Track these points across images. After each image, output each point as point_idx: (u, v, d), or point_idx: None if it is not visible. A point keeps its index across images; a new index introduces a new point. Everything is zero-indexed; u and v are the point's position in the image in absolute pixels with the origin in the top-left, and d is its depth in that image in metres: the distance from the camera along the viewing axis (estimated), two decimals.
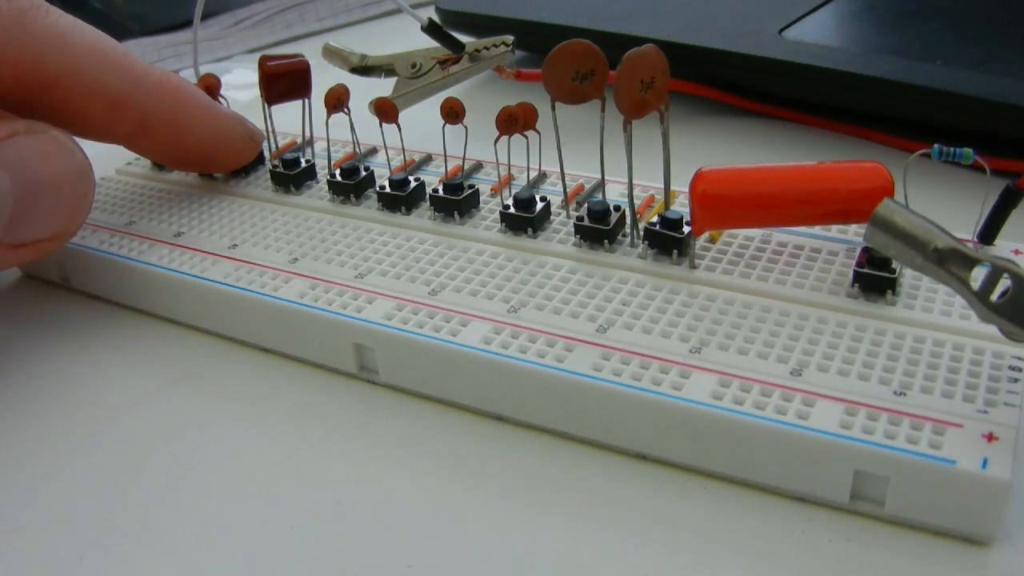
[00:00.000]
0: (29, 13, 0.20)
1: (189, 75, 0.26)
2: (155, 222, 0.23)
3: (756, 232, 0.20)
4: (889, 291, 0.18)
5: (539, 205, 0.21)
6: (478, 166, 0.24)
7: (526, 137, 0.21)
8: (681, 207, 0.20)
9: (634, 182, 0.20)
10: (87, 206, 0.21)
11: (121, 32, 0.44)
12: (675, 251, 0.19)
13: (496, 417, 0.18)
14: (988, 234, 0.19)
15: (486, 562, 0.15)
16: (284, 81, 0.24)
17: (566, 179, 0.22)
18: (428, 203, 0.22)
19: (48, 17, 0.20)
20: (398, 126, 0.23)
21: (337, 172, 0.23)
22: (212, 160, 0.24)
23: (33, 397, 0.20)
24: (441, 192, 0.22)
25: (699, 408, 0.16)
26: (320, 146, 0.26)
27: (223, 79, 0.25)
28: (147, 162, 0.26)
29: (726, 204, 0.18)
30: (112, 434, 0.18)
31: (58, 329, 0.22)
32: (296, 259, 0.21)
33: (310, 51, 0.25)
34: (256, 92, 0.24)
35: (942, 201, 0.20)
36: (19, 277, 0.24)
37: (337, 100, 0.23)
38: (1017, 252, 0.19)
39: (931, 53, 0.26)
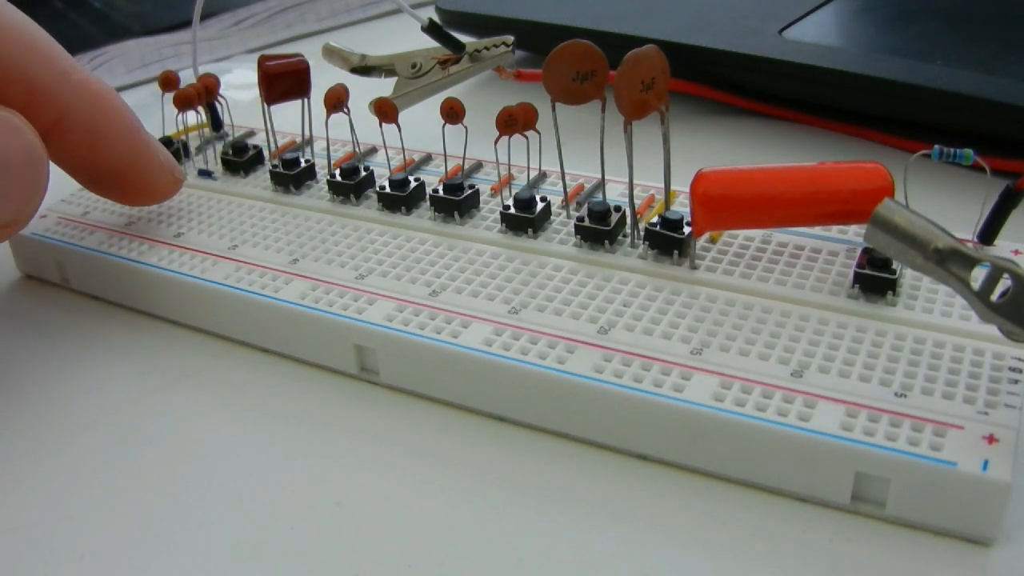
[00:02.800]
0: None
1: (188, 75, 0.26)
2: (155, 222, 0.23)
3: (756, 233, 0.20)
4: (890, 292, 0.18)
5: (539, 205, 0.21)
6: (478, 166, 0.24)
7: (526, 137, 0.21)
8: (681, 207, 0.20)
9: (634, 182, 0.20)
10: (41, 189, 0.19)
11: (121, 32, 0.44)
12: (676, 252, 0.19)
13: (497, 418, 0.18)
14: (988, 234, 0.19)
15: (486, 562, 0.15)
16: (284, 81, 0.24)
17: (566, 179, 0.22)
18: (428, 203, 0.22)
19: None
20: (398, 126, 0.23)
21: (337, 172, 0.23)
22: (128, 182, 0.22)
23: (33, 397, 0.20)
24: (441, 192, 0.22)
25: (700, 410, 0.16)
26: (320, 146, 0.26)
27: (223, 79, 0.25)
28: None
29: (727, 205, 0.18)
30: (112, 434, 0.18)
31: (58, 329, 0.22)
32: (296, 260, 0.21)
33: (310, 51, 0.25)
34: (256, 92, 0.24)
35: (942, 201, 0.20)
36: (19, 277, 0.24)
37: (337, 100, 0.23)
38: (1017, 252, 0.19)
39: (931, 53, 0.26)
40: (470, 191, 0.22)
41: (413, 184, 0.22)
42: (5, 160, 0.18)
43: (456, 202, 0.21)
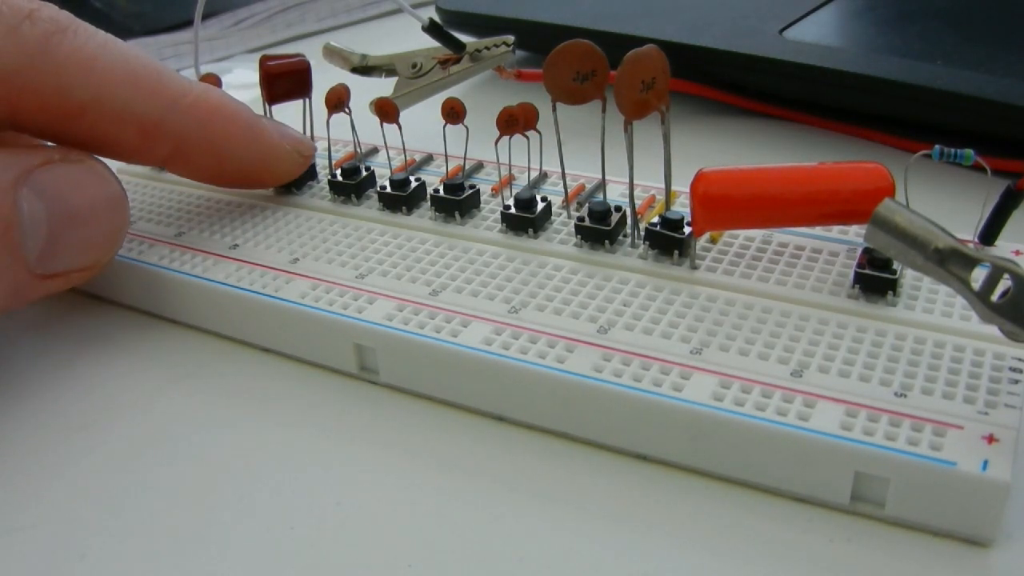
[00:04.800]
0: (54, 37, 0.18)
1: (189, 75, 0.26)
2: (156, 222, 0.23)
3: (757, 233, 0.20)
4: (890, 292, 0.18)
5: (540, 205, 0.21)
6: (479, 166, 0.24)
7: (527, 137, 0.21)
8: (682, 207, 0.20)
9: (635, 182, 0.20)
10: (121, 237, 0.21)
11: (122, 32, 0.44)
12: (676, 252, 0.19)
13: (497, 418, 0.18)
14: (989, 235, 0.19)
15: (486, 562, 0.15)
16: (285, 81, 0.24)
17: (567, 179, 0.22)
18: (429, 203, 0.22)
19: (75, 40, 0.19)
20: (399, 126, 0.23)
21: (338, 172, 0.23)
22: (257, 179, 0.23)
23: (33, 397, 0.20)
24: (442, 192, 0.22)
25: (700, 409, 0.16)
26: (321, 146, 0.26)
27: (224, 79, 0.25)
28: None
29: (727, 205, 0.18)
30: (112, 434, 0.18)
31: (58, 329, 0.22)
32: (297, 259, 0.21)
33: (311, 51, 0.25)
34: (257, 92, 0.24)
35: (943, 202, 0.20)
36: None
37: (338, 100, 0.23)
38: (1018, 253, 0.19)
39: (931, 53, 0.26)
40: (471, 191, 0.22)
41: (414, 184, 0.22)
42: (92, 209, 0.19)
43: (457, 202, 0.21)
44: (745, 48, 0.28)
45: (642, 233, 0.20)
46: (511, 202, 0.21)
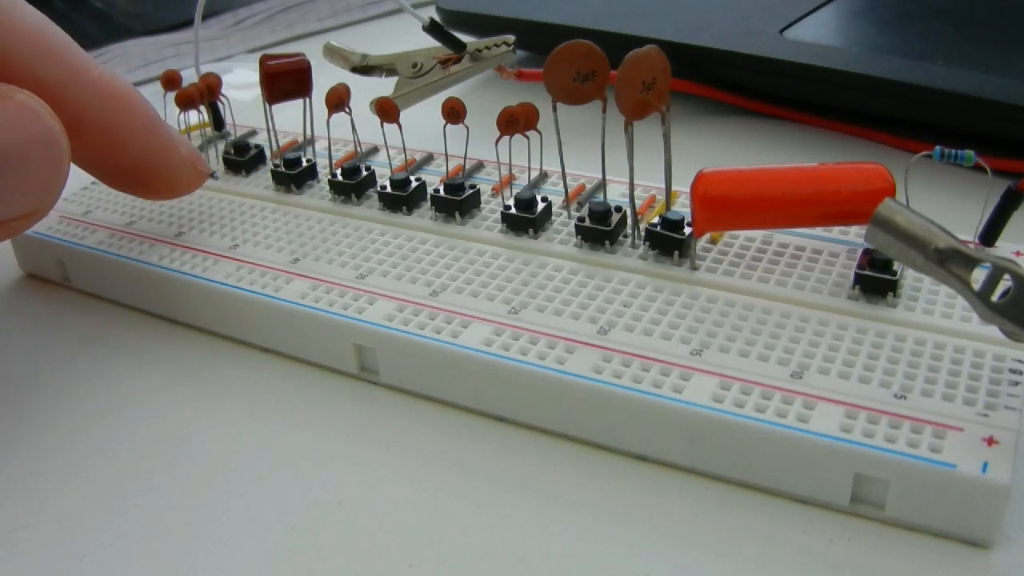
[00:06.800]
0: None
1: (190, 74, 0.26)
2: (155, 222, 0.23)
3: (757, 233, 0.20)
4: (890, 293, 0.18)
5: (540, 205, 0.21)
6: (479, 166, 0.24)
7: (527, 137, 0.21)
8: (682, 208, 0.20)
9: (635, 183, 0.20)
10: (61, 179, 0.18)
11: (122, 32, 0.44)
12: (676, 252, 0.19)
13: (497, 418, 0.18)
14: (989, 235, 0.19)
15: (486, 562, 0.15)
16: (285, 80, 0.24)
17: (567, 179, 0.22)
18: (429, 203, 0.22)
19: None
20: (399, 126, 0.23)
21: (338, 172, 0.23)
22: (148, 180, 0.22)
23: (33, 396, 0.20)
24: (442, 192, 0.22)
25: (700, 411, 0.16)
26: (321, 145, 0.26)
27: (224, 78, 0.25)
28: None
29: (727, 205, 0.18)
30: (112, 434, 0.18)
31: (58, 328, 0.22)
32: (297, 259, 0.21)
33: (311, 50, 0.25)
34: (257, 91, 0.24)
35: (943, 202, 0.20)
36: (19, 277, 0.24)
37: (338, 100, 0.23)
38: (1018, 254, 0.19)
39: (931, 53, 0.26)
40: (471, 191, 0.22)
41: (414, 184, 0.22)
42: (25, 149, 0.17)
43: (457, 202, 0.21)
44: (745, 48, 0.28)
45: (642, 233, 0.20)
46: (511, 202, 0.21)
